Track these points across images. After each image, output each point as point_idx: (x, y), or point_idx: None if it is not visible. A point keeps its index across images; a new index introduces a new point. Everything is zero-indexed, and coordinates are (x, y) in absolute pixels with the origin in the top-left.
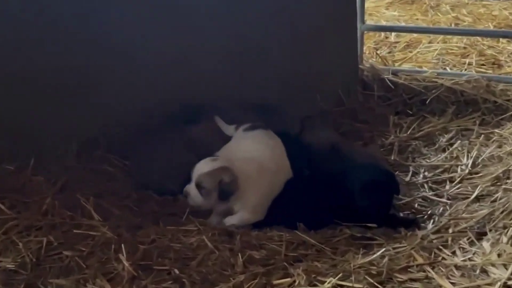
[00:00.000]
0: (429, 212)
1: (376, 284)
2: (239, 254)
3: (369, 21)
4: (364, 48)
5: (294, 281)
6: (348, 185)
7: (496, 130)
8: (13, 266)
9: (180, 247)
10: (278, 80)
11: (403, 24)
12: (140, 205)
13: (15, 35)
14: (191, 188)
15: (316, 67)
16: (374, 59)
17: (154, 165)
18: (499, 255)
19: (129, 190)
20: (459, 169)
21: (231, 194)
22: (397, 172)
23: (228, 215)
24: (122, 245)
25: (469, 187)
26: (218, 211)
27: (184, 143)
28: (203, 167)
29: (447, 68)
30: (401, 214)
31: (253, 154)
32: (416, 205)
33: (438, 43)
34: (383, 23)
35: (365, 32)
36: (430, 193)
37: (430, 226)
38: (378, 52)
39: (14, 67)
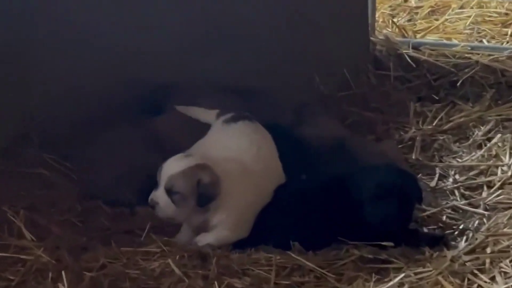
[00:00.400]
0: (461, 227)
1: None
2: (216, 283)
3: None
4: (377, 15)
5: None
6: (355, 192)
7: None
8: None
9: (139, 274)
10: (265, 58)
11: None
12: (86, 220)
13: None
14: (159, 195)
15: (315, 40)
16: (389, 29)
17: (104, 167)
18: None
19: (71, 201)
20: (499, 171)
21: (212, 199)
22: (420, 175)
23: (203, 231)
24: (63, 272)
25: None
26: (192, 224)
27: (143, 139)
28: (174, 166)
29: (484, 40)
30: (425, 230)
31: (234, 153)
32: (444, 218)
33: (472, 8)
34: None
35: None
36: (462, 202)
37: (462, 244)
38: (395, 20)
39: None
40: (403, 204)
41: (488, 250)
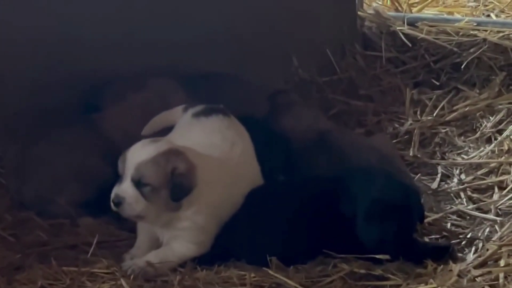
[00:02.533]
0: (468, 235)
1: None
2: None
3: None
4: None
5: None
6: (346, 204)
7: None
8: None
9: None
10: (231, 37)
11: None
12: (18, 233)
13: None
14: (125, 189)
15: (291, 14)
16: (380, 2)
17: (38, 172)
18: None
19: (1, 211)
20: None
21: (189, 192)
22: (419, 175)
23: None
24: None
25: None
26: (157, 224)
27: (84, 140)
28: (141, 153)
29: (492, 15)
30: (427, 239)
31: (204, 151)
32: (448, 225)
33: None
34: None
35: None
36: (469, 207)
37: (471, 256)
38: None
39: None
40: (402, 226)
41: (502, 262)
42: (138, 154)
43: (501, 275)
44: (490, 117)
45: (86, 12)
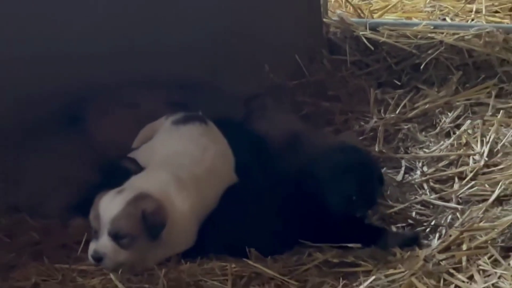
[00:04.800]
0: (432, 223)
1: None
2: None
3: None
4: None
5: None
6: (313, 179)
7: None
8: None
9: None
10: (205, 46)
11: None
12: (12, 234)
13: None
14: (104, 244)
15: (261, 25)
16: (343, 9)
17: (30, 178)
18: None
19: None
20: (471, 161)
21: (164, 226)
22: (385, 168)
23: None
24: None
25: (487, 185)
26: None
27: (72, 149)
28: (111, 207)
29: (447, 18)
30: (394, 228)
31: (178, 157)
32: (413, 214)
33: None
34: None
35: None
36: (432, 196)
37: (435, 242)
38: None
39: None
40: (366, 184)
41: (464, 247)
42: (110, 209)
43: (464, 258)
44: (449, 113)
45: (72, 25)
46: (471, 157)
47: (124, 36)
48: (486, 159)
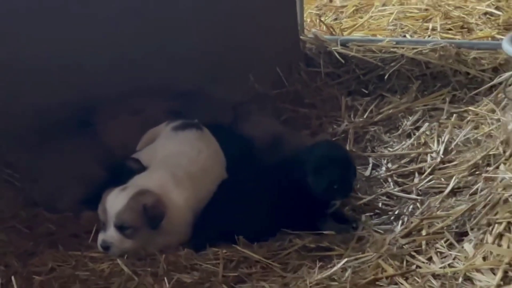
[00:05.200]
0: (396, 212)
1: None
2: (165, 279)
3: None
4: (305, 15)
5: None
6: (299, 169)
7: (471, 108)
8: None
9: (88, 275)
10: (200, 60)
11: None
12: (31, 225)
13: None
14: (111, 235)
15: (247, 41)
16: (318, 28)
17: (47, 176)
18: (484, 258)
19: (16, 208)
20: (429, 158)
21: (163, 218)
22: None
23: None
24: (12, 277)
25: (443, 179)
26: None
27: (85, 150)
28: (116, 202)
29: (407, 35)
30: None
31: (176, 158)
32: (380, 204)
33: (393, 5)
34: None
35: None
36: (396, 189)
37: (398, 228)
38: (322, 19)
39: None
40: (344, 172)
41: (424, 232)
42: (115, 204)
43: (423, 242)
44: (409, 117)
45: (81, 39)
46: (429, 154)
47: (124, 51)
48: (442, 156)
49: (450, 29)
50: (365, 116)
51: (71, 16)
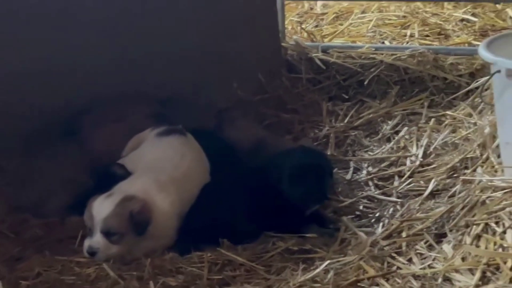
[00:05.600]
0: (377, 214)
1: None
2: (151, 283)
3: None
4: (286, 22)
5: None
6: (274, 178)
7: (448, 112)
8: None
9: (74, 280)
10: (184, 67)
11: None
12: (18, 231)
13: None
14: (97, 241)
15: (230, 48)
16: (299, 35)
17: (34, 182)
18: (463, 259)
19: (2, 213)
20: (408, 161)
21: (149, 224)
22: (336, 169)
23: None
24: None
25: (422, 182)
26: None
27: (71, 156)
28: (103, 208)
29: (386, 41)
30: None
31: (160, 163)
32: (361, 207)
33: (372, 12)
34: None
35: (286, 2)
36: (376, 192)
37: (379, 230)
38: (303, 26)
39: None
40: (318, 180)
41: (404, 234)
42: (101, 210)
43: (404, 244)
44: (389, 122)
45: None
46: (408, 158)
47: (107, 57)
48: (421, 159)
49: (427, 36)
50: (345, 121)
51: (52, 21)
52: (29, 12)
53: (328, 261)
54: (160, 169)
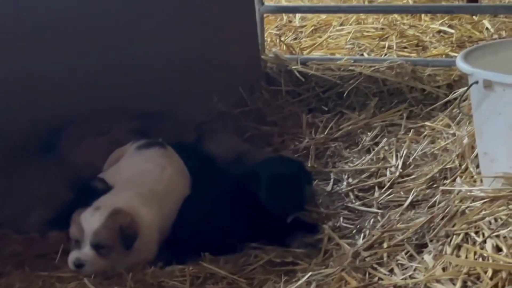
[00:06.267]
0: (358, 226)
1: None
2: None
3: (268, 2)
4: (265, 35)
5: None
6: (252, 187)
7: (427, 123)
8: None
9: None
10: (163, 81)
11: (308, 3)
12: None
13: None
14: (85, 253)
15: (209, 61)
16: (278, 48)
17: (14, 198)
18: (444, 269)
19: None
20: (388, 172)
21: (136, 238)
22: (316, 180)
23: None
24: None
25: (402, 193)
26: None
27: (51, 172)
28: (93, 221)
29: (364, 53)
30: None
31: (141, 176)
32: (341, 218)
33: (351, 24)
34: (284, 3)
35: (265, 15)
36: (357, 203)
37: (360, 241)
38: (282, 39)
39: None
40: (295, 190)
41: (385, 245)
42: (91, 223)
43: (385, 254)
44: (368, 133)
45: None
46: (388, 169)
47: (85, 72)
48: (401, 170)
49: (405, 47)
50: (325, 133)
51: (26, 37)
52: None
53: (310, 273)
54: (141, 183)
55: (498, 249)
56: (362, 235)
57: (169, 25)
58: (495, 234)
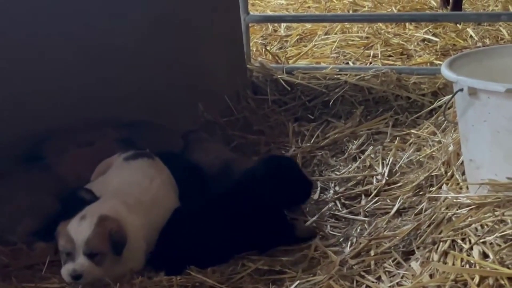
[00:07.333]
0: (345, 234)
1: None
2: None
3: (253, 12)
4: (251, 44)
5: None
6: (250, 186)
7: (413, 131)
8: None
9: None
10: (148, 90)
11: (293, 13)
12: None
13: None
14: (81, 263)
15: (195, 70)
16: (263, 57)
17: (0, 208)
18: (431, 276)
19: None
20: (374, 180)
21: (125, 243)
22: None
23: None
24: None
25: (388, 200)
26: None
27: (39, 180)
28: (82, 230)
29: (350, 62)
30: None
31: (129, 187)
32: (328, 227)
33: (336, 33)
34: (269, 13)
35: (251, 25)
36: (344, 211)
37: (348, 249)
38: (268, 48)
39: None
40: (298, 176)
41: (372, 252)
42: (81, 232)
43: (372, 262)
44: (354, 141)
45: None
46: (374, 177)
47: (68, 82)
48: (387, 178)
49: (390, 56)
50: (312, 141)
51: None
52: None
53: (298, 281)
54: (128, 193)
55: (485, 256)
56: (349, 243)
57: (154, 35)
58: (481, 240)
